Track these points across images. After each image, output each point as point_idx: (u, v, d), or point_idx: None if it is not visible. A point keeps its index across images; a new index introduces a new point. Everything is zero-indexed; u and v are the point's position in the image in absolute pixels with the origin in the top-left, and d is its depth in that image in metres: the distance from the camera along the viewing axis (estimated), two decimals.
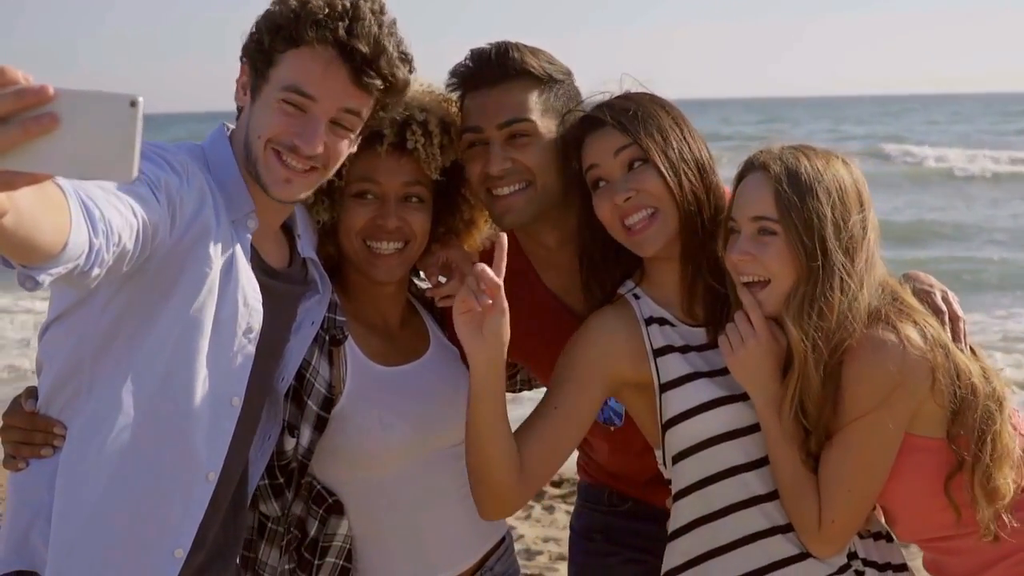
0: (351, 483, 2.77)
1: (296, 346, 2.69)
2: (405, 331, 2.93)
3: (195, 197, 2.33)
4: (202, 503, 2.43)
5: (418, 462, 2.81)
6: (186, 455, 2.40)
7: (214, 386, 2.40)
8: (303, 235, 2.69)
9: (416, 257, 2.84)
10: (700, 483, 2.65)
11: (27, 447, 2.40)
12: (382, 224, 2.74)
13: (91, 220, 1.87)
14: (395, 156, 2.73)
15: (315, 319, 2.71)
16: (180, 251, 2.30)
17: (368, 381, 2.78)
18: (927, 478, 2.54)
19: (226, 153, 2.50)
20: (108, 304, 2.30)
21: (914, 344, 2.46)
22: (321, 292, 2.74)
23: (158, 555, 2.40)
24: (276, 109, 2.42)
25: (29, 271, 1.76)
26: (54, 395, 2.41)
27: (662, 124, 2.64)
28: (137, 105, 1.40)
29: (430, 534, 2.85)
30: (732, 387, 2.62)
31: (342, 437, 2.73)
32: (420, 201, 2.78)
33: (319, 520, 2.73)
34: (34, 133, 1.35)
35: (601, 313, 2.70)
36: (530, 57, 2.76)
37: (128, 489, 2.36)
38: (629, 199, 2.60)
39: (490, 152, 2.73)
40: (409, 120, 2.70)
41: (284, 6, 2.42)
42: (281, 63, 2.42)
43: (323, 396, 2.70)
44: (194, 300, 2.34)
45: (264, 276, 2.51)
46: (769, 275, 2.52)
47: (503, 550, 3.03)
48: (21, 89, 1.35)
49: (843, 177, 2.53)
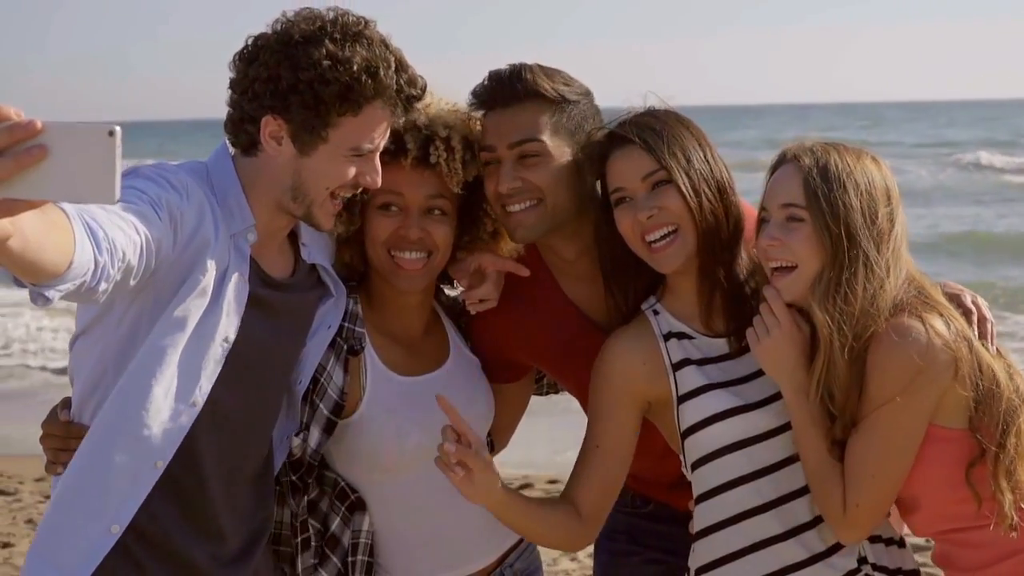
0: (370, 483, 2.90)
1: (313, 350, 2.84)
2: (427, 341, 3.04)
3: (195, 212, 2.49)
4: (147, 486, 2.56)
5: (433, 466, 2.85)
6: (139, 441, 2.54)
7: (179, 384, 2.55)
8: (309, 243, 2.82)
9: (439, 268, 2.94)
10: (716, 490, 2.74)
11: (64, 453, 2.61)
12: (405, 235, 2.86)
13: (95, 239, 2.05)
14: (419, 170, 2.85)
15: (331, 323, 2.86)
16: (182, 264, 2.48)
17: (387, 390, 2.90)
18: (948, 468, 2.58)
19: (228, 170, 2.65)
20: (123, 317, 2.50)
21: (939, 333, 2.53)
22: (335, 295, 2.87)
23: (97, 527, 2.55)
24: (344, 162, 2.61)
25: (39, 289, 1.93)
26: (84, 404, 2.61)
27: (685, 144, 2.73)
28: (115, 135, 1.55)
29: (448, 532, 2.97)
30: (748, 396, 2.72)
31: (360, 442, 2.87)
32: (443, 214, 2.90)
33: (341, 517, 2.86)
34: (26, 164, 1.52)
35: (617, 337, 2.79)
36: (543, 79, 2.85)
37: (87, 463, 2.55)
38: (651, 217, 2.69)
39: (501, 171, 2.84)
40: (432, 136, 2.82)
41: (332, 71, 2.52)
42: (342, 125, 2.57)
43: (334, 401, 2.83)
44: (183, 303, 2.51)
45: (264, 288, 2.67)
46: (796, 260, 2.60)
47: (524, 547, 3.13)
48: (13, 124, 1.51)
49: (872, 172, 2.62)
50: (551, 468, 7.97)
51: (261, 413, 2.77)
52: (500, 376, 3.11)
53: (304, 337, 2.83)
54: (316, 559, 2.85)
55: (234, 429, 2.68)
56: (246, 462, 2.75)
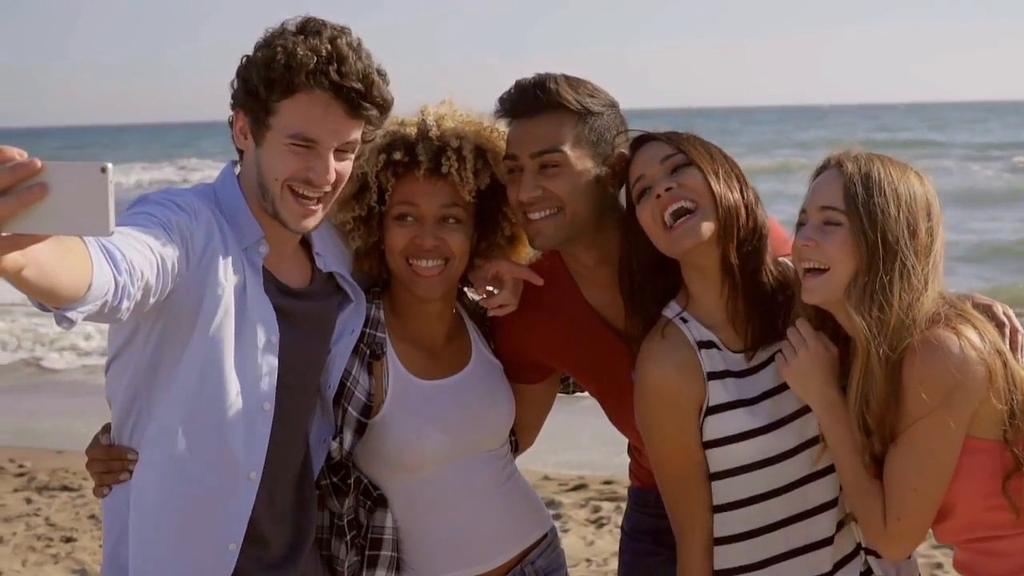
0: (393, 481, 2.99)
1: (339, 355, 2.94)
2: (449, 346, 3.13)
3: (203, 231, 2.60)
4: (248, 499, 2.69)
5: (454, 466, 3.02)
6: (226, 459, 2.66)
7: (245, 395, 2.66)
8: (323, 252, 2.92)
9: (457, 274, 3.03)
10: (728, 506, 2.79)
11: (108, 475, 2.73)
12: (421, 244, 2.95)
13: (113, 261, 2.15)
14: (432, 180, 2.94)
15: (354, 327, 2.97)
16: (196, 281, 2.57)
17: (408, 393, 3.00)
18: (983, 479, 2.58)
19: (233, 189, 2.75)
20: (148, 339, 2.61)
21: (974, 345, 2.52)
22: (355, 301, 2.98)
23: (213, 550, 2.67)
24: (286, 152, 2.65)
25: (63, 311, 2.03)
26: (122, 426, 2.73)
27: (708, 147, 2.79)
28: (107, 171, 1.67)
29: (468, 530, 3.05)
30: (767, 416, 2.75)
31: (382, 443, 2.96)
32: (457, 222, 2.98)
33: (367, 511, 2.96)
34: (28, 201, 1.63)
35: (653, 357, 2.78)
36: (567, 90, 2.91)
37: (179, 495, 2.65)
38: (669, 189, 2.70)
39: (523, 180, 2.91)
40: (444, 147, 2.92)
41: (270, 58, 2.63)
42: (280, 111, 2.64)
43: (363, 403, 2.94)
44: (212, 321, 2.60)
45: (283, 298, 2.76)
46: (828, 263, 2.60)
47: (546, 545, 3.21)
48: (16, 164, 1.63)
49: (914, 186, 2.62)
50: (607, 468, 8.01)
51: (294, 418, 2.85)
52: (523, 377, 3.19)
53: (328, 343, 2.93)
54: (359, 556, 2.95)
55: (277, 434, 2.75)
56: (285, 467, 2.83)
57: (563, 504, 7.57)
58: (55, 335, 13.83)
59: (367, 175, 2.92)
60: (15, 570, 6.78)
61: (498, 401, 3.12)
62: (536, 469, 8.25)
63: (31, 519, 7.71)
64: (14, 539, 7.31)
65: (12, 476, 8.72)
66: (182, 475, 2.65)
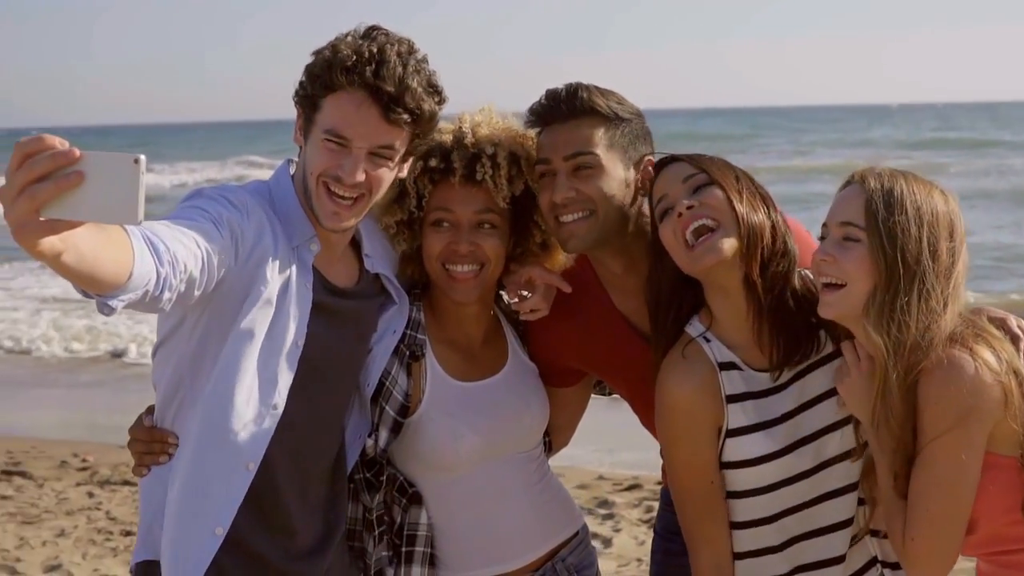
0: (428, 479, 3.07)
1: (379, 354, 3.02)
2: (486, 348, 3.20)
3: (254, 228, 2.67)
4: (242, 488, 2.75)
5: (488, 466, 3.09)
6: (228, 447, 2.72)
7: (259, 390, 2.73)
8: (372, 253, 3.00)
9: (493, 278, 3.10)
10: (742, 524, 2.84)
11: (148, 456, 2.82)
12: (456, 249, 3.02)
13: (156, 252, 2.23)
14: (467, 187, 3.01)
15: (396, 328, 3.04)
16: (244, 276, 2.65)
17: (445, 395, 3.07)
18: (1004, 494, 2.58)
19: (287, 187, 2.83)
20: (194, 329, 2.69)
21: (989, 366, 2.52)
22: (398, 303, 3.05)
23: (201, 531, 2.74)
24: (322, 148, 2.72)
25: (104, 299, 2.10)
26: (165, 410, 2.82)
27: (733, 167, 2.80)
28: (140, 162, 1.74)
29: (500, 527, 3.12)
30: (785, 438, 2.76)
31: (418, 441, 3.03)
32: (492, 227, 3.05)
33: (402, 508, 3.03)
34: (65, 188, 1.72)
35: (674, 376, 2.79)
36: (598, 97, 2.99)
37: (189, 478, 2.73)
38: (691, 207, 2.71)
39: (556, 182, 2.97)
40: (479, 154, 2.99)
41: (320, 56, 2.73)
42: (323, 108, 2.73)
43: (400, 403, 3.01)
44: (250, 314, 2.68)
45: (329, 296, 2.83)
46: (846, 279, 2.59)
47: (577, 543, 3.27)
48: (56, 152, 1.72)
49: (938, 205, 2.59)
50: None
51: (330, 413, 2.92)
52: (556, 380, 3.26)
53: (368, 342, 3.01)
54: (389, 551, 3.02)
55: (304, 429, 2.83)
56: (317, 461, 2.90)
57: (616, 504, 7.58)
58: (137, 331, 13.96)
59: (405, 181, 2.98)
60: (75, 563, 6.90)
61: (532, 404, 3.18)
62: (591, 468, 8.26)
63: (92, 512, 7.85)
64: (75, 532, 7.44)
65: (75, 470, 8.88)
66: (194, 459, 2.73)
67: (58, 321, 15.31)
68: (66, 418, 10.69)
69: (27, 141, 1.73)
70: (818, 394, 2.80)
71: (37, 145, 1.72)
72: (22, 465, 9.01)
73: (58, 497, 8.21)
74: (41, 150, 1.72)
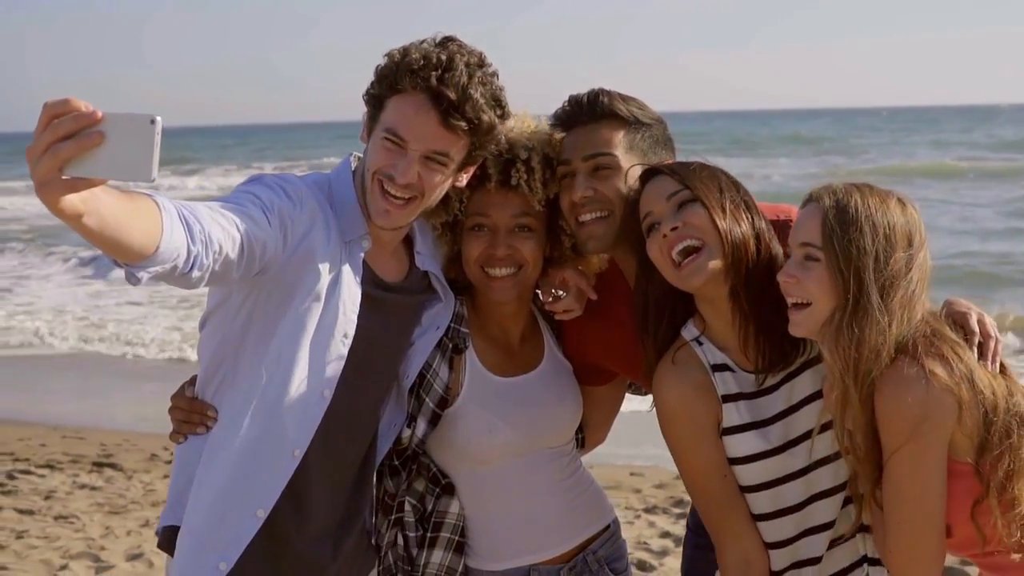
0: (461, 471, 3.17)
1: (421, 348, 3.11)
2: (524, 345, 3.29)
3: (305, 220, 2.77)
4: (287, 473, 2.86)
5: (521, 460, 3.18)
6: (277, 433, 2.84)
7: (311, 379, 2.84)
8: (423, 251, 3.10)
9: (531, 280, 3.19)
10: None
11: (187, 425, 2.94)
12: (493, 253, 3.11)
13: (190, 231, 2.33)
14: (503, 192, 3.10)
15: (440, 324, 3.14)
16: (293, 266, 2.75)
17: (482, 388, 3.17)
18: (965, 499, 2.62)
19: (347, 181, 2.94)
20: (239, 310, 2.80)
21: (938, 378, 2.55)
22: (444, 300, 3.15)
23: (243, 513, 2.85)
24: (380, 146, 2.83)
25: (132, 268, 2.21)
26: (206, 384, 2.94)
27: (716, 177, 2.85)
28: (156, 123, 1.85)
29: (532, 520, 3.21)
30: (777, 438, 2.83)
31: (454, 433, 3.13)
32: (529, 230, 3.14)
33: (435, 497, 3.13)
34: (86, 147, 1.85)
35: (668, 380, 2.88)
36: (619, 102, 3.09)
37: (232, 459, 2.84)
38: (675, 229, 2.78)
39: (575, 182, 3.06)
40: (514, 159, 3.07)
41: (390, 58, 2.83)
42: (386, 108, 2.83)
43: (439, 395, 3.11)
44: (301, 306, 2.79)
45: (376, 289, 2.94)
46: (810, 298, 2.66)
47: (608, 535, 3.35)
48: (79, 114, 1.85)
49: (894, 216, 2.64)
50: None
51: (369, 402, 3.02)
52: (589, 379, 3.34)
53: (410, 335, 3.10)
54: (417, 532, 3.12)
55: (342, 416, 2.92)
56: (350, 448, 3.00)
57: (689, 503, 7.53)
58: None
59: None
60: (156, 552, 7.05)
61: (566, 400, 3.26)
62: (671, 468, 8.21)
63: None
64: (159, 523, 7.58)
65: (164, 463, 9.10)
66: (240, 441, 2.82)
67: (175, 323, 15.64)
68: (161, 413, 10.90)
69: (54, 103, 1.86)
70: (806, 396, 2.86)
71: (63, 107, 1.86)
72: (113, 457, 9.30)
73: (145, 489, 8.44)
74: (66, 112, 1.85)
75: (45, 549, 7.09)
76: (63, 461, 9.17)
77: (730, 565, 2.87)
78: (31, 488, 8.44)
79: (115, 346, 14.52)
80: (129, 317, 16.33)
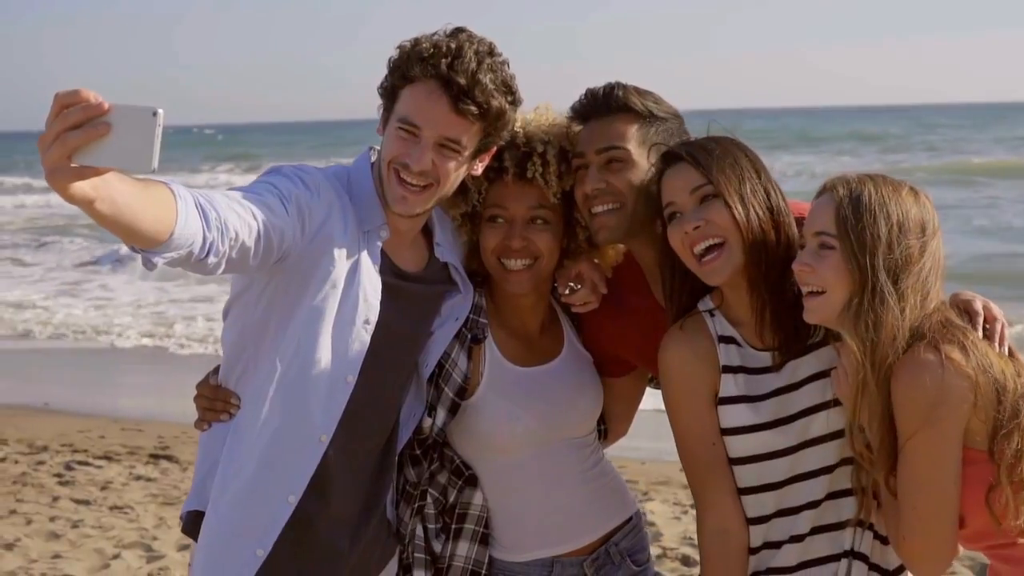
0: (483, 462, 3.20)
1: (440, 338, 3.15)
2: (543, 336, 3.32)
3: (323, 209, 2.82)
4: (315, 458, 2.90)
5: (543, 450, 3.20)
6: (303, 419, 2.89)
7: (334, 365, 2.88)
8: (442, 242, 3.14)
9: (547, 272, 3.22)
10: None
11: (211, 412, 3.00)
12: (509, 244, 3.14)
13: (206, 218, 2.39)
14: (519, 184, 3.14)
15: (459, 315, 3.17)
16: (311, 254, 2.81)
17: (502, 378, 3.20)
18: (980, 488, 2.62)
19: (366, 173, 2.99)
20: (260, 297, 2.86)
21: (957, 365, 2.58)
22: (463, 292, 3.18)
23: (275, 499, 2.90)
24: (395, 136, 2.88)
25: (147, 254, 2.28)
26: (229, 372, 3.00)
27: (737, 163, 2.87)
28: (158, 115, 1.92)
29: (554, 510, 3.23)
30: (769, 414, 2.87)
31: (475, 423, 3.16)
32: (545, 223, 3.17)
33: (457, 489, 3.16)
34: (93, 137, 1.93)
35: (672, 344, 2.96)
36: (633, 96, 3.10)
37: (260, 446, 2.89)
38: (697, 228, 2.83)
39: (588, 174, 3.09)
40: (530, 152, 3.11)
41: (401, 49, 2.89)
42: (400, 98, 2.89)
43: (458, 385, 3.14)
44: (319, 294, 2.83)
45: (395, 278, 2.98)
46: (824, 286, 2.69)
47: (630, 527, 3.36)
48: (87, 105, 1.93)
49: (907, 205, 2.68)
50: None
51: (389, 391, 3.06)
52: (608, 370, 3.36)
53: (429, 325, 3.14)
54: (438, 524, 3.15)
55: (363, 404, 2.96)
56: (371, 436, 3.04)
57: None
58: None
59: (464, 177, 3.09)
60: None
61: (587, 390, 3.29)
62: None
63: None
64: None
65: None
66: (266, 428, 2.87)
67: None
68: None
69: (64, 94, 1.95)
70: (807, 376, 2.88)
71: (73, 98, 1.94)
72: (170, 449, 9.44)
73: None
74: (76, 102, 1.93)
75: (99, 538, 7.23)
76: (121, 453, 9.35)
77: (708, 532, 2.92)
78: (88, 479, 8.60)
79: (179, 342, 14.78)
80: (193, 314, 16.55)
